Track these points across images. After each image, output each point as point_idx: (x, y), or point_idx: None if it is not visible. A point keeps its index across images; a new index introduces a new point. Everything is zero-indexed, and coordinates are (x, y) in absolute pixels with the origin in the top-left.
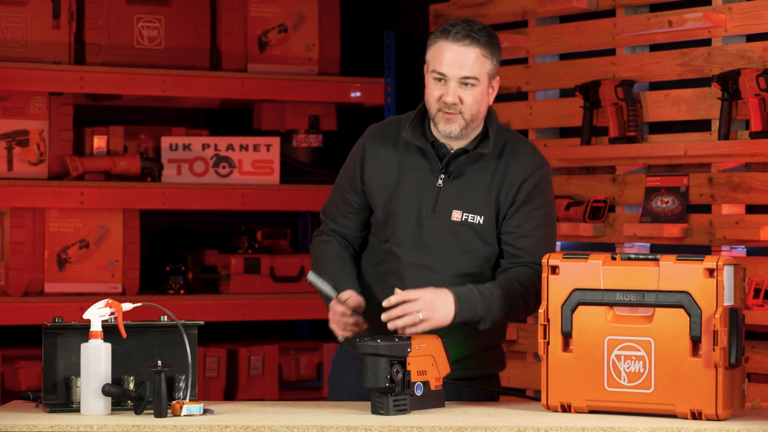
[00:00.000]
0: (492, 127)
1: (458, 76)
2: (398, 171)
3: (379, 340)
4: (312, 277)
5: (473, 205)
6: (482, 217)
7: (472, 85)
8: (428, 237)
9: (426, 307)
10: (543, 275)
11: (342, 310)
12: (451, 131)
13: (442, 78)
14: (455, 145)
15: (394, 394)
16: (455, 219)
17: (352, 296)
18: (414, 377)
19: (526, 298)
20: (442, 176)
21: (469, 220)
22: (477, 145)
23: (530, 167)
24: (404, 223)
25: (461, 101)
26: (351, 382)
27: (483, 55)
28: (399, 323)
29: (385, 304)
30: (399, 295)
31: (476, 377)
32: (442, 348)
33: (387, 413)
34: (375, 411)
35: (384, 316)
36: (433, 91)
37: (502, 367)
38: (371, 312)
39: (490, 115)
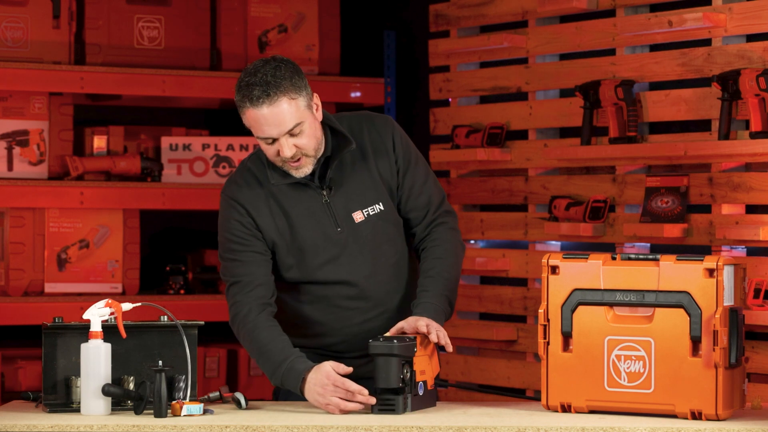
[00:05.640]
0: (335, 124)
1: (283, 133)
2: (285, 212)
3: (384, 340)
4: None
5: (366, 198)
6: (381, 203)
7: (300, 129)
8: (349, 251)
9: (431, 323)
10: (543, 275)
11: (340, 381)
12: (306, 173)
13: (271, 139)
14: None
15: (380, 393)
16: (359, 220)
17: (336, 365)
18: (418, 377)
19: (458, 259)
20: (324, 192)
21: (371, 213)
22: (334, 148)
23: (385, 132)
24: (320, 252)
25: (298, 147)
26: None
27: (291, 98)
28: (442, 336)
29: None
30: (410, 328)
31: None
32: (435, 347)
33: (373, 412)
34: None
35: (444, 344)
36: (268, 151)
37: None
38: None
39: (326, 117)
